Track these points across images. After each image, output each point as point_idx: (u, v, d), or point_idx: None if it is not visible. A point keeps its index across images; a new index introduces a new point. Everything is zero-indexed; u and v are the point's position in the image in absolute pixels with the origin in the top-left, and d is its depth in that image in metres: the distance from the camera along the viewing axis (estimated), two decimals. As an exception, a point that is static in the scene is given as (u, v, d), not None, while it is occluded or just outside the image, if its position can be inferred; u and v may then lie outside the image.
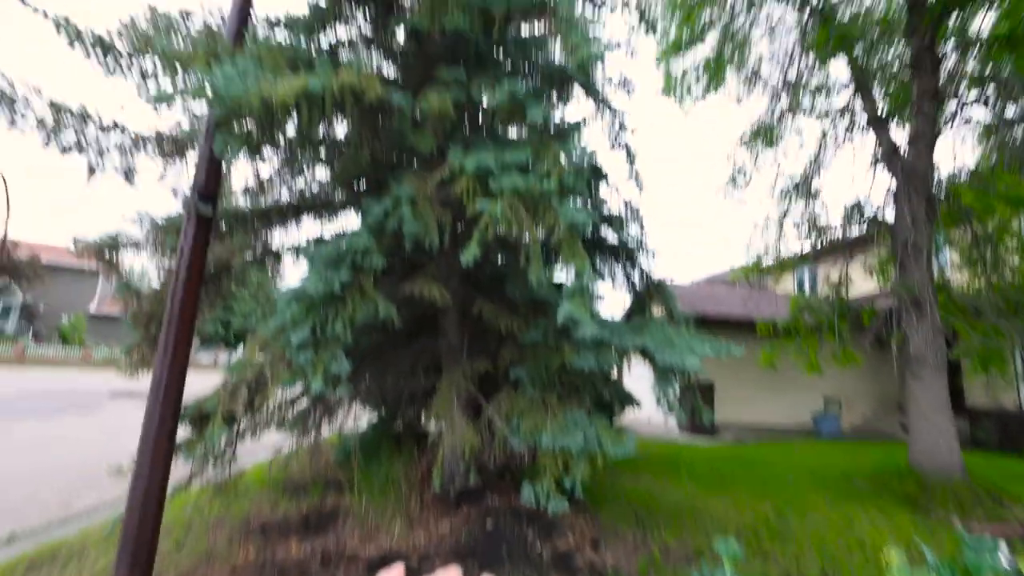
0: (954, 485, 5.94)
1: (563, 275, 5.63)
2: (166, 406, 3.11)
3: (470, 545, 3.82)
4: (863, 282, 8.38)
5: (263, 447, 5.10)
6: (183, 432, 3.89)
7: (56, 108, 2.73)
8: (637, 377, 7.98)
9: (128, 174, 3.21)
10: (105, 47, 2.57)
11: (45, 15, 2.39)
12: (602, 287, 5.79)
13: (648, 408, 8.10)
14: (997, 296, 6.19)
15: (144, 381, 3.37)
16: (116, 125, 3.02)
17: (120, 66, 2.69)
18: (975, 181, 6.27)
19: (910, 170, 6.28)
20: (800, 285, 15.06)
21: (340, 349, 3.55)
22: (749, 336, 9.21)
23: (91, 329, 25.64)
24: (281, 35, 3.58)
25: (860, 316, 7.13)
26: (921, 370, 6.16)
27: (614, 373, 6.08)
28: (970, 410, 10.41)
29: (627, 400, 5.62)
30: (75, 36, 2.48)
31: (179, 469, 4.02)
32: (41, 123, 2.71)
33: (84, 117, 2.84)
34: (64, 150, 2.86)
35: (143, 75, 2.73)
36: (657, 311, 5.77)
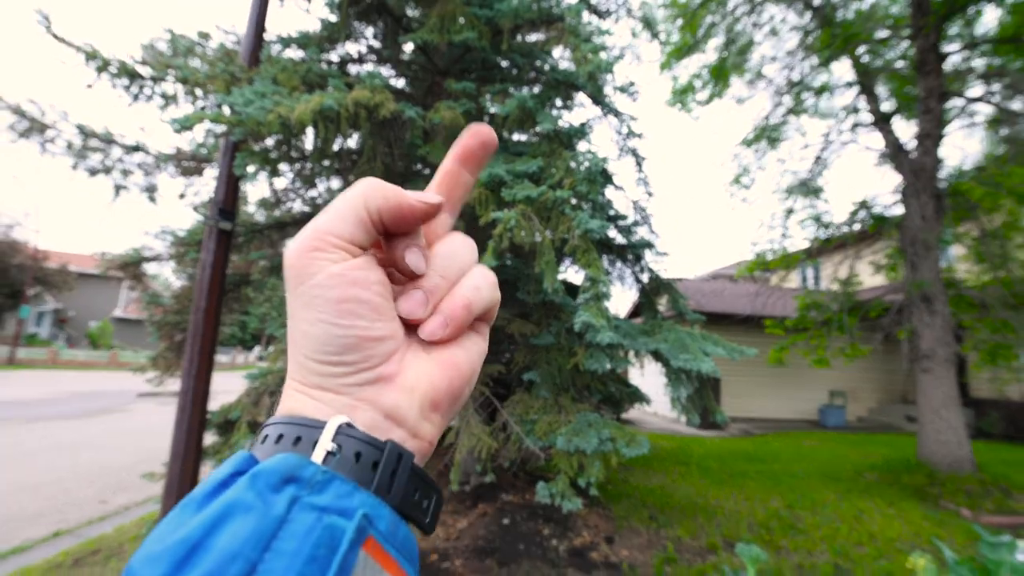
0: (964, 477, 6.00)
1: (574, 274, 5.72)
2: (193, 416, 3.22)
3: (488, 540, 3.92)
4: (869, 278, 8.40)
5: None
6: (210, 438, 4.02)
7: (84, 132, 2.82)
8: (646, 372, 8.04)
9: (150, 193, 3.31)
10: (130, 74, 2.65)
11: (77, 48, 2.47)
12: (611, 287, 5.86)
13: (656, 401, 8.18)
14: (1005, 290, 6.22)
15: (168, 383, 3.48)
16: (138, 147, 3.11)
17: (142, 93, 2.78)
18: (982, 176, 6.28)
19: (918, 168, 6.30)
20: (804, 280, 15.06)
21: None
22: (754, 331, 9.26)
23: (117, 332, 26.26)
24: (293, 52, 3.65)
25: (868, 311, 7.18)
26: (931, 365, 6.21)
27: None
28: (976, 401, 10.43)
29: (636, 397, 5.70)
30: (103, 66, 2.56)
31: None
32: (70, 146, 2.81)
33: (109, 140, 2.93)
34: (92, 173, 2.95)
35: (165, 99, 2.81)
36: (662, 307, 5.84)
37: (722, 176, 29.62)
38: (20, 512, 4.30)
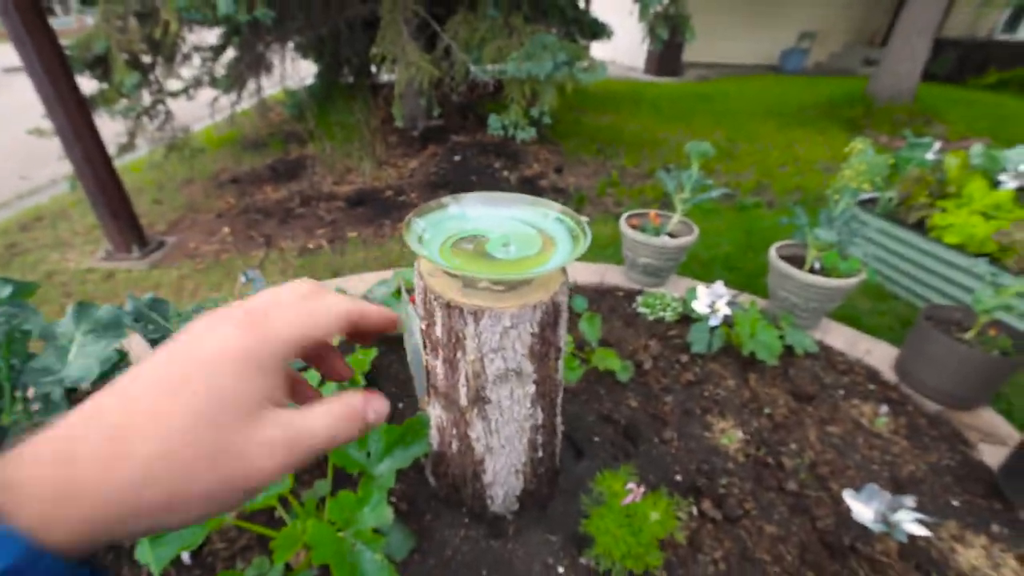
0: (897, 108, 6.25)
1: None
2: (38, 43, 2.48)
3: (440, 176, 4.00)
4: None
5: (202, 105, 4.65)
6: (90, 84, 3.38)
7: None
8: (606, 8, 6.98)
9: None
10: None
11: None
12: None
13: (614, 50, 7.47)
14: None
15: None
16: None
17: None
18: None
19: None
20: None
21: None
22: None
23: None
24: None
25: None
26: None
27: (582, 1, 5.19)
28: (939, 42, 10.13)
29: (598, 29, 5.03)
30: None
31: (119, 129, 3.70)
32: None
33: None
34: None
35: None
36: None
37: None
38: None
